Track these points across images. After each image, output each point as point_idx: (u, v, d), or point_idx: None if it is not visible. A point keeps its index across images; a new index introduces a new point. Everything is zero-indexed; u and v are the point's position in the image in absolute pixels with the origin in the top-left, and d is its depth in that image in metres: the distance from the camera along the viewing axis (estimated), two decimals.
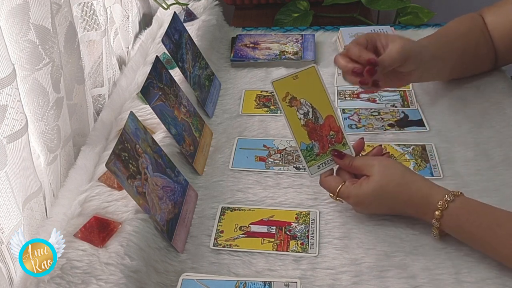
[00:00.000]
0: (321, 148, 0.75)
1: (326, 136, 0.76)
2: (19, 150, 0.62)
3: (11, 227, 0.63)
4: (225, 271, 0.70)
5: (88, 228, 0.66)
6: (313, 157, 0.75)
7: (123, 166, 0.67)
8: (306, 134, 0.74)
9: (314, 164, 0.75)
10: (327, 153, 0.75)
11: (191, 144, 0.86)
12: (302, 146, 0.74)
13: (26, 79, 0.66)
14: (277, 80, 0.73)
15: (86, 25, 0.90)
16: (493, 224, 0.67)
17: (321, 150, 0.75)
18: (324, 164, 0.75)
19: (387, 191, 0.71)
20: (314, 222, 0.76)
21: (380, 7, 1.34)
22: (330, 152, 0.75)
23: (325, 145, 0.75)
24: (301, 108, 0.74)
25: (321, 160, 0.75)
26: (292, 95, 0.73)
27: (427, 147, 0.87)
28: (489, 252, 0.68)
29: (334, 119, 0.76)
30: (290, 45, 1.16)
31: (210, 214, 0.79)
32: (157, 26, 1.18)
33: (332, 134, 0.76)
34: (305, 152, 0.74)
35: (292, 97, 0.73)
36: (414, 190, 0.70)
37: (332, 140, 0.76)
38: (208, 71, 1.04)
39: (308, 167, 0.75)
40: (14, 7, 0.62)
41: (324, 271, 0.69)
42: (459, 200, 0.68)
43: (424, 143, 0.88)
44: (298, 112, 0.74)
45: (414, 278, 0.67)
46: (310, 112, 0.74)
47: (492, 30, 0.94)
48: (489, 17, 0.95)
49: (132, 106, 0.90)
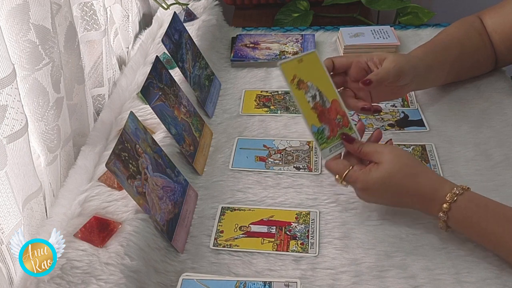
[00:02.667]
0: (331, 131, 0.75)
1: (334, 120, 0.76)
2: (19, 150, 0.62)
3: (11, 227, 0.62)
4: (225, 271, 0.70)
5: (88, 228, 0.66)
6: (324, 140, 0.74)
7: (123, 166, 0.67)
8: (316, 116, 0.74)
9: (326, 147, 0.75)
10: (337, 137, 0.75)
11: (191, 144, 0.86)
12: (313, 129, 0.74)
13: (26, 79, 0.66)
14: (284, 62, 0.73)
15: (86, 25, 0.90)
16: (502, 219, 0.66)
17: (331, 133, 0.75)
18: (334, 148, 0.75)
19: (396, 180, 0.70)
20: (314, 222, 0.76)
21: (380, 7, 1.34)
22: (340, 135, 0.75)
23: (334, 128, 0.75)
24: (309, 91, 0.74)
25: (331, 143, 0.75)
26: (300, 78, 0.73)
27: (427, 147, 0.87)
28: (496, 247, 0.67)
29: (339, 103, 0.76)
30: (290, 45, 1.16)
31: (210, 214, 0.79)
32: (157, 26, 1.18)
33: (339, 117, 0.76)
34: (317, 135, 0.74)
35: (299, 80, 0.73)
36: (423, 182, 0.70)
37: (339, 123, 0.76)
38: (208, 71, 1.04)
39: (321, 150, 0.75)
40: (14, 7, 0.62)
41: (324, 271, 0.69)
42: (468, 194, 0.68)
43: (424, 143, 0.88)
44: (306, 95, 0.74)
45: (414, 278, 0.67)
46: (317, 95, 0.74)
47: (492, 32, 0.94)
48: (488, 19, 0.94)
49: (132, 106, 0.90)
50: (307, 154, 0.88)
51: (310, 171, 0.85)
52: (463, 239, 0.72)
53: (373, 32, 1.16)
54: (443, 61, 0.90)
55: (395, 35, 1.15)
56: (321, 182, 0.83)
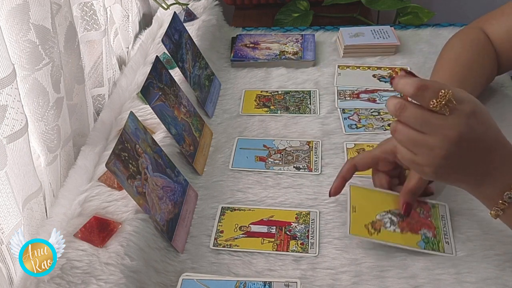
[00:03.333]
0: (427, 226, 0.73)
1: (418, 214, 0.74)
2: (19, 150, 0.62)
3: (11, 227, 0.62)
4: (225, 271, 0.70)
5: (88, 228, 0.66)
6: (433, 241, 0.71)
7: (123, 166, 0.67)
8: (411, 234, 0.72)
9: (441, 244, 0.72)
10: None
11: (191, 144, 0.86)
12: (421, 245, 0.71)
13: (26, 79, 0.66)
14: (351, 231, 0.71)
15: (86, 25, 0.90)
16: None
17: (432, 234, 0.72)
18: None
19: (494, 130, 0.61)
20: (314, 222, 0.76)
21: (380, 7, 1.34)
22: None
23: (425, 221, 0.73)
24: (385, 223, 0.72)
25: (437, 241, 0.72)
26: (368, 222, 0.72)
27: None
28: None
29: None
30: (290, 45, 1.16)
31: (210, 214, 0.79)
32: (157, 26, 1.18)
33: (418, 209, 0.75)
34: (429, 245, 0.71)
35: (371, 224, 0.72)
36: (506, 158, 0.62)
37: (423, 213, 0.74)
38: (208, 71, 1.04)
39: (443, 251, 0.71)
40: (14, 7, 0.62)
41: (324, 271, 0.69)
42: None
43: None
44: (387, 228, 0.72)
45: (414, 278, 0.67)
46: (392, 216, 0.73)
47: (497, 40, 0.90)
48: (490, 29, 0.91)
49: (132, 106, 0.90)
50: (307, 154, 0.88)
51: (310, 171, 0.85)
52: (462, 239, 0.72)
53: (373, 32, 1.16)
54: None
55: (395, 35, 1.15)
56: (321, 182, 0.83)
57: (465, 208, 0.76)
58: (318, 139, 0.91)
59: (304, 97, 1.02)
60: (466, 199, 0.77)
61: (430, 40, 1.17)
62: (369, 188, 0.76)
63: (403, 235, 0.71)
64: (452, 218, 0.75)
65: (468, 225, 0.74)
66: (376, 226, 0.71)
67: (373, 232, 0.71)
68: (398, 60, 1.11)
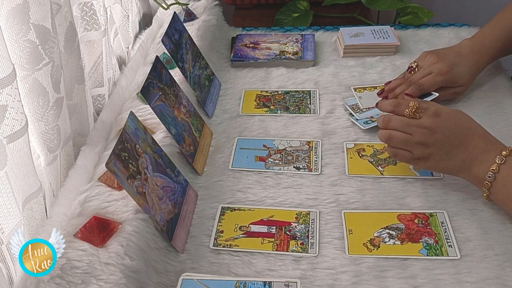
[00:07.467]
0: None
1: (417, 226, 0.74)
2: (19, 150, 0.62)
3: (11, 227, 0.63)
4: (225, 271, 0.70)
5: (88, 228, 0.66)
6: (438, 248, 0.71)
7: (123, 166, 0.67)
8: (411, 244, 0.72)
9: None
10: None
11: (191, 144, 0.86)
12: (423, 253, 0.70)
13: (26, 79, 0.66)
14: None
15: (86, 25, 0.90)
16: None
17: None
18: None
19: (466, 118, 0.76)
20: (314, 222, 0.76)
21: (380, 7, 1.34)
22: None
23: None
24: (384, 239, 0.72)
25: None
26: (369, 240, 0.73)
27: None
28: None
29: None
30: (290, 45, 1.16)
31: (210, 214, 0.79)
32: (157, 26, 1.18)
33: (418, 220, 0.75)
34: (433, 251, 0.71)
35: (370, 241, 0.73)
36: (480, 137, 0.74)
37: (421, 227, 0.74)
38: (208, 71, 1.04)
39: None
40: (14, 7, 0.62)
41: (324, 271, 0.69)
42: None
43: None
44: (386, 243, 0.72)
45: (414, 278, 0.67)
46: (388, 231, 0.73)
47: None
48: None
49: (132, 106, 0.90)
50: (307, 154, 0.88)
51: (310, 171, 0.85)
52: (462, 239, 0.72)
53: (373, 32, 1.16)
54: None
55: (395, 35, 1.15)
56: (321, 182, 0.83)
57: (465, 208, 0.76)
58: (318, 139, 0.91)
59: (304, 97, 1.02)
60: (466, 199, 0.77)
61: (430, 40, 1.17)
62: (362, 212, 0.77)
63: (404, 246, 0.71)
64: (452, 219, 0.75)
65: (468, 225, 0.74)
66: (375, 243, 0.72)
67: (372, 248, 0.71)
68: (398, 60, 1.11)
